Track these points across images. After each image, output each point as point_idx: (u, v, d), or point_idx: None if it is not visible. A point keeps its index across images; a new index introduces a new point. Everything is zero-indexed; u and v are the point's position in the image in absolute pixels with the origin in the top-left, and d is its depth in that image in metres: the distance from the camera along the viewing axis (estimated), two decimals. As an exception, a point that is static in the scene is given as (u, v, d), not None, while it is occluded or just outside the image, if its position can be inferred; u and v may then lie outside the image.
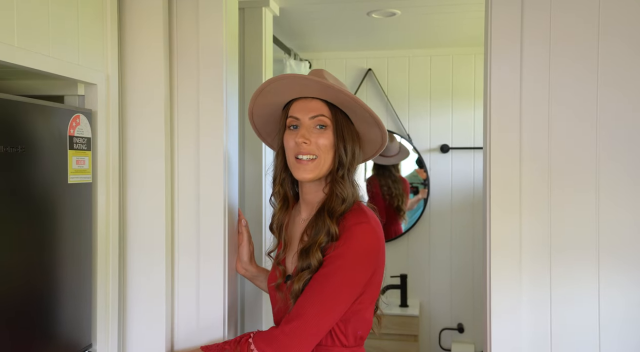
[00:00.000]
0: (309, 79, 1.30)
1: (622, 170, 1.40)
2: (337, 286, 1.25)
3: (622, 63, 1.39)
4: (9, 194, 1.12)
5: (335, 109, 1.34)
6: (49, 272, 1.25)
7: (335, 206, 1.30)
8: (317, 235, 1.29)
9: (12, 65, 1.12)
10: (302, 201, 1.42)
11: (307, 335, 1.24)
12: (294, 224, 1.43)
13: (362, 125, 1.37)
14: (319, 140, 1.30)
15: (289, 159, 1.35)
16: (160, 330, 1.51)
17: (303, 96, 1.35)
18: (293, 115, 1.34)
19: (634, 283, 1.39)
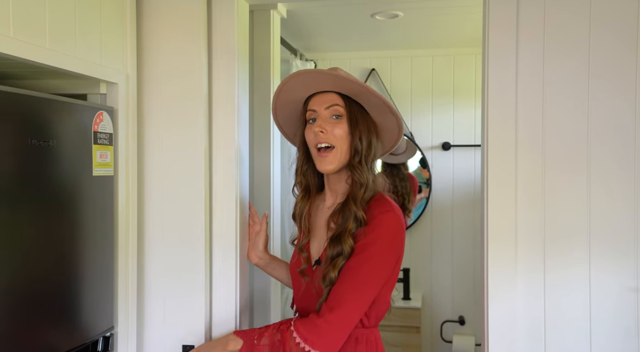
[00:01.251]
0: (321, 72, 1.39)
1: (613, 161, 1.48)
2: (371, 272, 1.33)
3: (613, 57, 1.47)
4: (41, 185, 1.21)
5: (350, 100, 1.42)
6: (75, 258, 1.34)
7: (357, 192, 1.38)
8: (346, 222, 1.36)
9: (44, 65, 1.22)
10: (328, 189, 1.49)
11: (347, 323, 1.31)
12: (317, 212, 1.51)
13: (378, 114, 1.45)
14: (334, 130, 1.38)
15: (312, 151, 1.43)
16: (178, 312, 1.61)
17: (319, 91, 1.44)
18: (311, 109, 1.43)
19: (623, 270, 1.47)
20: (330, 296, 1.33)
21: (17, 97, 1.15)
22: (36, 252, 1.21)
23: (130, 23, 1.55)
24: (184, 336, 1.60)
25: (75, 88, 1.48)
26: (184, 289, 1.60)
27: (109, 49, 1.46)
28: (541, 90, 1.50)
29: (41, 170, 1.21)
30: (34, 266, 1.20)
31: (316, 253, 1.47)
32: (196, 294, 1.59)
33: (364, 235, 1.35)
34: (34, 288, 1.20)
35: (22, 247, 1.16)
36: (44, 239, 1.23)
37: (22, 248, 1.16)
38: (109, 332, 1.47)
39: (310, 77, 1.41)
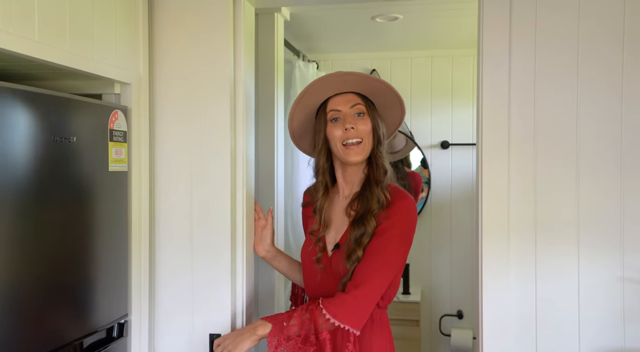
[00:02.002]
0: (348, 74, 1.52)
1: (601, 157, 1.55)
2: (393, 253, 1.47)
3: (601, 56, 1.54)
4: (63, 178, 1.30)
5: (366, 98, 1.57)
6: (92, 249, 1.42)
7: (380, 177, 1.53)
8: (369, 204, 1.50)
9: (64, 67, 1.30)
10: (343, 182, 1.62)
11: (372, 298, 1.44)
12: (332, 205, 1.62)
13: (386, 109, 1.60)
14: (360, 126, 1.52)
15: (337, 147, 1.54)
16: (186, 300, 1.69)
17: (340, 92, 1.55)
18: (334, 109, 1.54)
19: (611, 260, 1.55)
20: (356, 274, 1.44)
21: (42, 97, 1.23)
22: (57, 242, 1.29)
23: (143, 27, 1.64)
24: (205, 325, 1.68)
25: (90, 88, 1.57)
26: (207, 280, 1.67)
27: (123, 51, 1.54)
28: (533, 88, 1.58)
29: (63, 165, 1.29)
30: (55, 255, 1.29)
31: (332, 240, 1.58)
32: (221, 286, 1.66)
33: (386, 218, 1.48)
34: (55, 275, 1.29)
35: (45, 237, 1.24)
36: (64, 230, 1.31)
37: (45, 238, 1.24)
38: (123, 319, 1.56)
39: (337, 79, 1.53)
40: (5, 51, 1.11)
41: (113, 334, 1.52)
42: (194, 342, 1.67)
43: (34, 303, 1.21)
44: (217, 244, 1.66)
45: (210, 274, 1.67)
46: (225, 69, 1.66)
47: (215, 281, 1.66)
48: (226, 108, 1.66)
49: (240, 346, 1.45)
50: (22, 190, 1.17)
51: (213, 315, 1.66)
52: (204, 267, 1.68)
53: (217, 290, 1.66)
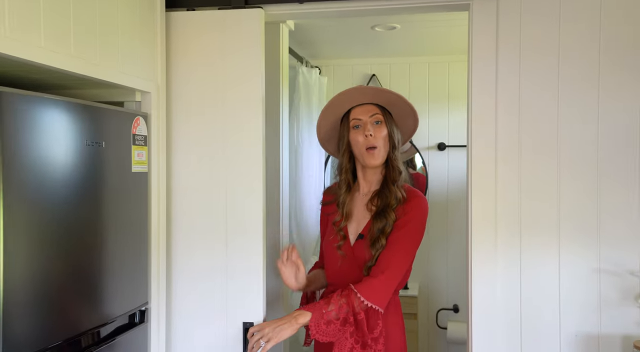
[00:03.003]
0: (367, 88, 1.77)
1: (580, 158, 1.70)
2: (411, 243, 1.72)
3: (580, 63, 1.69)
4: (94, 178, 1.45)
5: (383, 108, 1.77)
6: (117, 242, 1.58)
7: (395, 177, 1.76)
8: (388, 200, 1.72)
9: (93, 78, 1.46)
10: (364, 181, 1.82)
11: (395, 282, 1.67)
12: (353, 199, 1.83)
13: (401, 118, 1.81)
14: (379, 133, 1.73)
15: (360, 151, 1.75)
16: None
17: (360, 103, 1.76)
18: (356, 117, 1.76)
19: (588, 253, 1.69)
20: (380, 260, 1.67)
21: (77, 106, 1.39)
22: (88, 236, 1.45)
23: (160, 42, 1.79)
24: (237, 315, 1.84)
25: (113, 96, 1.72)
26: (241, 272, 1.83)
27: (143, 63, 1.70)
28: (517, 93, 1.73)
29: (94, 167, 1.45)
30: (86, 247, 1.44)
31: (355, 231, 1.78)
32: (254, 277, 1.82)
33: (403, 214, 1.71)
34: (86, 266, 1.44)
35: (78, 231, 1.40)
36: (94, 225, 1.47)
37: (78, 232, 1.40)
38: (143, 306, 1.71)
39: (357, 92, 1.76)
40: (47, 66, 1.27)
41: (135, 320, 1.67)
42: (228, 330, 1.82)
43: (68, 290, 1.37)
44: (247, 237, 1.83)
45: (246, 265, 1.83)
46: (256, 84, 1.83)
47: (249, 272, 1.81)
48: (258, 116, 1.83)
49: (281, 334, 1.60)
50: (61, 189, 1.33)
51: (246, 305, 1.81)
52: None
53: (250, 281, 1.82)
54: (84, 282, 1.43)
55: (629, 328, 1.66)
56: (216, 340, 1.84)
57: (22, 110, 1.20)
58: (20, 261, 1.20)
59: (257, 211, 1.83)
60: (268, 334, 1.61)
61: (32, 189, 1.23)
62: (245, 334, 1.76)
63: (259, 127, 1.84)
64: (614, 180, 1.68)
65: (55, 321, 1.32)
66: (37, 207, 1.25)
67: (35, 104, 1.24)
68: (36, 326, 1.25)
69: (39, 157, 1.25)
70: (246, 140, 1.83)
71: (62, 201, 1.33)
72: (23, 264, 1.21)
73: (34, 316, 1.24)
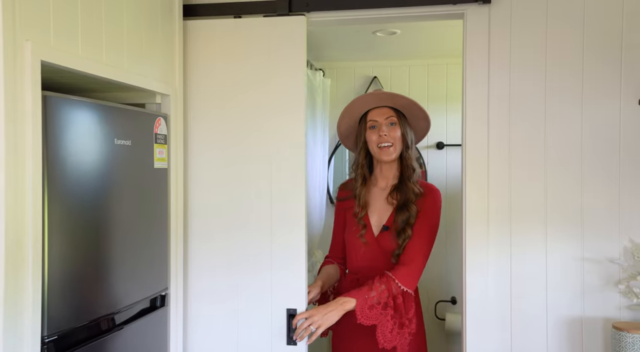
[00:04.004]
0: (382, 92, 2.07)
1: (564, 158, 1.84)
2: (433, 232, 2.01)
3: (564, 74, 1.83)
4: (123, 173, 1.61)
5: (398, 111, 2.03)
6: (142, 232, 1.73)
7: (410, 174, 2.03)
8: (407, 194, 1.99)
9: (120, 82, 1.61)
10: (380, 176, 2.08)
11: (422, 267, 1.96)
12: (370, 192, 2.08)
13: (415, 120, 2.07)
14: (393, 134, 2.00)
15: (373, 148, 2.01)
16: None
17: (376, 106, 2.00)
18: (373, 119, 2.03)
19: (572, 243, 1.84)
20: (409, 249, 1.94)
21: (108, 109, 1.54)
22: (116, 225, 1.60)
23: (179, 47, 1.94)
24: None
25: (135, 99, 1.87)
26: (285, 261, 1.96)
27: (163, 69, 1.85)
28: (507, 99, 1.87)
29: (124, 163, 1.60)
30: (114, 236, 1.59)
31: (377, 223, 2.01)
32: (297, 266, 1.95)
33: (423, 206, 1.98)
34: (116, 253, 1.59)
35: (108, 221, 1.55)
36: (122, 217, 1.62)
37: (108, 222, 1.55)
38: (164, 291, 1.86)
39: (374, 96, 2.01)
40: (84, 73, 1.42)
41: (157, 304, 1.82)
42: (273, 316, 1.95)
43: (100, 275, 1.52)
44: (291, 229, 1.98)
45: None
46: (299, 88, 1.96)
47: (293, 261, 1.95)
48: (300, 119, 1.96)
49: (330, 320, 1.82)
50: (94, 183, 1.48)
51: (290, 292, 1.94)
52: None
53: (293, 268, 1.95)
54: (114, 267, 1.58)
55: (610, 312, 1.81)
56: (253, 328, 1.98)
57: (64, 112, 1.35)
58: (60, 249, 1.35)
59: (300, 203, 1.94)
60: (317, 321, 1.81)
61: (71, 183, 1.39)
62: (289, 321, 1.91)
63: (301, 130, 1.95)
64: (597, 176, 1.82)
65: (88, 302, 1.47)
66: (74, 200, 1.40)
67: (74, 107, 1.39)
68: (72, 306, 1.40)
69: (75, 155, 1.40)
70: (288, 141, 1.96)
71: (95, 195, 1.48)
72: (63, 251, 1.36)
73: (71, 297, 1.39)
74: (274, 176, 1.97)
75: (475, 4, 1.88)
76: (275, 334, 1.95)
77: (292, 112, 1.96)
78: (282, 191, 1.96)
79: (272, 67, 1.97)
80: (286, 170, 1.96)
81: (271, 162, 1.97)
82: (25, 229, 1.21)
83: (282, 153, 1.96)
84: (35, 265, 1.23)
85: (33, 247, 1.23)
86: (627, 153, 1.80)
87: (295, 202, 1.95)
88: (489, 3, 1.86)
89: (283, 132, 1.96)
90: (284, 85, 1.96)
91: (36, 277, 1.24)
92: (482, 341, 1.87)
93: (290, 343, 1.90)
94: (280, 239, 1.96)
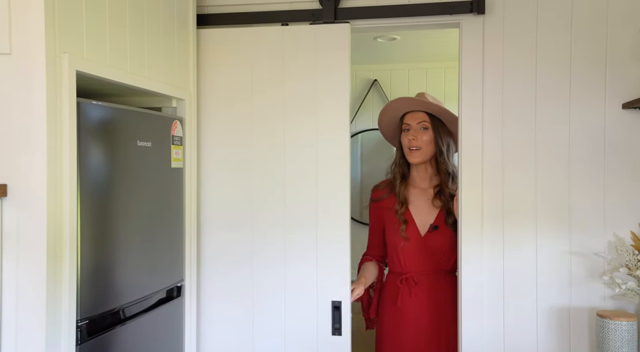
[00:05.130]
0: (414, 99, 2.21)
1: (553, 157, 1.97)
2: None
3: (553, 81, 1.97)
4: (144, 173, 1.74)
5: (433, 117, 2.22)
6: (161, 226, 1.86)
7: (443, 179, 2.23)
8: (448, 201, 2.21)
9: (142, 89, 1.74)
10: (417, 177, 2.29)
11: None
12: (409, 190, 2.28)
13: (453, 126, 2.22)
14: (422, 137, 2.21)
15: (405, 150, 2.24)
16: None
17: (411, 110, 2.18)
18: (406, 123, 2.25)
19: (560, 237, 1.97)
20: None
21: (132, 112, 1.67)
22: (139, 220, 1.73)
23: (193, 55, 2.08)
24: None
25: (153, 103, 2.00)
26: (331, 254, 2.09)
27: (179, 75, 1.98)
28: (501, 102, 2.01)
29: (145, 163, 1.73)
30: (139, 230, 1.72)
31: (424, 221, 2.23)
32: (342, 259, 2.08)
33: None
34: (138, 246, 1.72)
35: (132, 216, 1.68)
36: (143, 212, 1.75)
37: (132, 217, 1.68)
38: (180, 283, 1.99)
39: (407, 102, 2.22)
40: (111, 80, 1.55)
41: (173, 294, 1.96)
42: (319, 309, 2.09)
43: (124, 266, 1.65)
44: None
45: (331, 251, 2.09)
46: (344, 93, 2.23)
47: (337, 254, 2.07)
48: (344, 111, 2.08)
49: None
50: (119, 182, 1.61)
51: (335, 284, 2.07)
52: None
53: (338, 259, 2.08)
54: (135, 260, 1.71)
55: (595, 301, 1.94)
56: (298, 320, 2.11)
57: (95, 116, 1.48)
58: (90, 242, 1.48)
59: (344, 199, 2.06)
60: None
61: (99, 182, 1.52)
62: (335, 311, 2.05)
63: (346, 139, 2.07)
64: (584, 175, 1.95)
65: (113, 291, 1.60)
66: (102, 198, 1.53)
67: (102, 112, 1.52)
68: (99, 294, 1.53)
69: (103, 156, 1.53)
70: (337, 143, 2.07)
71: (120, 193, 1.61)
72: (93, 245, 1.49)
73: (99, 286, 1.52)
74: (320, 176, 2.08)
75: (470, 15, 2.01)
76: (320, 325, 2.09)
77: (338, 102, 2.08)
78: (327, 188, 2.07)
79: (318, 67, 2.10)
80: (331, 168, 2.07)
81: (317, 162, 2.08)
82: (63, 224, 1.34)
83: (328, 155, 2.08)
84: (71, 257, 1.36)
85: (69, 241, 1.36)
86: (611, 153, 1.93)
87: (339, 198, 2.06)
88: (483, 14, 1.99)
89: (336, 124, 2.08)
90: (329, 84, 2.08)
91: (72, 268, 1.37)
92: (476, 328, 2.00)
93: (335, 333, 2.05)
94: (325, 235, 2.08)
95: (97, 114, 1.49)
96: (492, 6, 2.00)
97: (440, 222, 2.21)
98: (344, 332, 2.05)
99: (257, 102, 2.13)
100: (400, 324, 2.19)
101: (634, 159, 1.92)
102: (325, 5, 2.09)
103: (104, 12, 1.52)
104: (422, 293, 2.21)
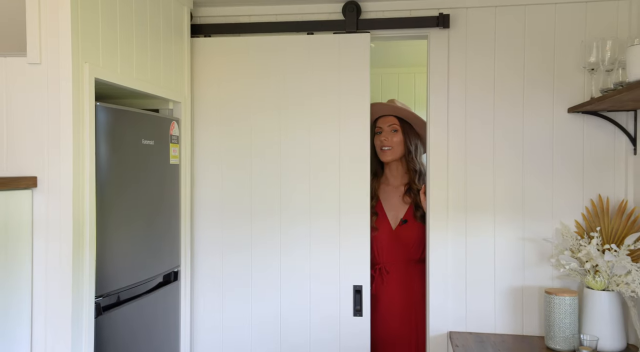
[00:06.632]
0: (385, 104, 2.60)
1: (508, 158, 2.24)
2: None
3: (509, 91, 2.24)
4: (148, 169, 1.93)
5: (403, 120, 2.55)
6: (161, 217, 2.06)
7: (413, 176, 2.55)
8: (417, 195, 2.50)
9: (143, 92, 1.93)
10: (390, 175, 2.60)
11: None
12: (383, 188, 2.60)
13: (420, 128, 2.56)
14: (393, 139, 2.54)
15: (377, 150, 2.56)
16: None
17: (383, 114, 2.49)
18: (378, 126, 2.59)
19: (515, 225, 2.24)
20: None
21: (136, 114, 1.87)
22: (144, 211, 1.92)
23: (188, 61, 2.28)
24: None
25: (151, 105, 2.19)
26: (353, 241, 2.31)
27: (176, 80, 2.18)
28: (464, 107, 2.27)
29: (148, 159, 1.93)
30: (143, 219, 1.92)
31: (395, 216, 2.53)
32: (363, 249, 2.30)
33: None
34: (142, 234, 1.92)
35: (139, 207, 1.87)
36: (146, 204, 1.95)
37: (138, 208, 1.87)
38: (176, 268, 2.19)
39: (379, 107, 2.53)
40: (119, 85, 1.75)
41: (171, 278, 2.15)
42: (340, 293, 2.31)
43: (131, 251, 1.85)
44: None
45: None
46: (364, 95, 2.31)
47: (361, 243, 2.33)
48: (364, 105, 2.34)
49: None
50: (127, 176, 1.80)
51: (357, 269, 2.30)
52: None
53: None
54: (140, 246, 1.90)
55: (544, 281, 2.22)
56: (323, 301, 2.33)
57: (107, 118, 1.68)
58: (104, 229, 1.68)
59: (364, 193, 2.29)
60: None
61: (110, 176, 1.71)
62: (356, 295, 2.28)
63: (366, 141, 2.29)
64: (535, 171, 2.23)
65: (122, 272, 1.79)
66: (112, 190, 1.73)
67: (114, 113, 1.72)
68: (110, 274, 1.72)
69: (115, 153, 1.73)
70: (354, 144, 2.30)
71: (127, 186, 1.81)
72: (106, 231, 1.69)
73: (110, 268, 1.72)
74: (342, 170, 2.30)
75: (437, 28, 2.27)
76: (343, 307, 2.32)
77: (358, 97, 2.36)
78: (349, 180, 2.30)
79: (333, 80, 2.39)
80: (350, 161, 2.29)
81: (339, 153, 2.30)
82: (85, 212, 1.53)
83: (349, 151, 2.30)
84: (90, 241, 1.56)
85: (89, 227, 1.55)
86: (558, 152, 2.21)
87: (360, 188, 2.28)
88: (448, 28, 2.25)
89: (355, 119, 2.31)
90: (352, 87, 2.36)
91: (91, 251, 1.56)
92: (442, 306, 2.26)
93: (357, 315, 2.29)
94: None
95: (109, 115, 1.69)
96: (456, 21, 2.26)
97: (410, 217, 2.52)
98: (364, 314, 2.29)
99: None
100: (375, 309, 2.44)
101: (578, 157, 2.21)
102: (348, 16, 2.34)
103: (115, 26, 1.71)
104: (394, 280, 2.48)
